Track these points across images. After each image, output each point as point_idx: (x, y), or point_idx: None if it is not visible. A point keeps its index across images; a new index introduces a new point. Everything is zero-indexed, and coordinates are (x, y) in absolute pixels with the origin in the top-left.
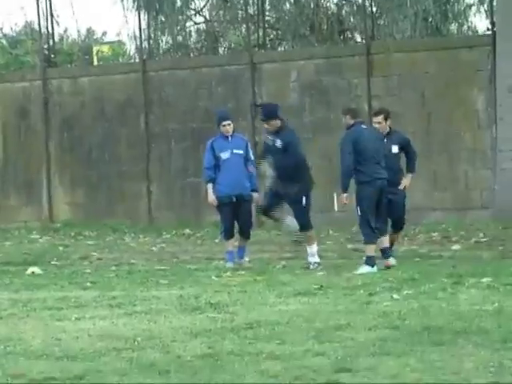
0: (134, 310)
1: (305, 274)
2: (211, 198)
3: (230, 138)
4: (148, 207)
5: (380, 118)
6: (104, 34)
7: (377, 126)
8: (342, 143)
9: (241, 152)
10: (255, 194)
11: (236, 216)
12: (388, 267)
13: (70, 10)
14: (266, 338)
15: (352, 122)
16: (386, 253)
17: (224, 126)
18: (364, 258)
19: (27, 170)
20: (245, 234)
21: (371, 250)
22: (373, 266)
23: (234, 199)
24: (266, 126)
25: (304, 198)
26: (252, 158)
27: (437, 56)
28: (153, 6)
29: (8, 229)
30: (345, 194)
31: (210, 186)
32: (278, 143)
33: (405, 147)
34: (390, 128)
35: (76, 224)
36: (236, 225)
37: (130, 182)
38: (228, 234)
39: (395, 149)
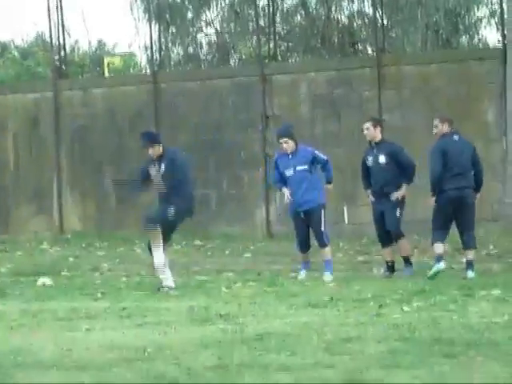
0: (145, 321)
1: (315, 286)
2: (287, 194)
3: (290, 156)
4: None
5: (368, 124)
6: (115, 45)
7: (365, 132)
8: (433, 151)
9: (305, 167)
10: (330, 186)
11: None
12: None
13: (82, 22)
14: (276, 349)
15: (447, 130)
16: (469, 265)
17: (281, 143)
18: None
19: (38, 181)
20: (319, 243)
21: (437, 248)
22: (439, 262)
23: (303, 215)
24: (149, 151)
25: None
26: (323, 161)
27: (447, 68)
28: (164, 17)
29: (18, 239)
30: (432, 198)
31: (284, 190)
32: (162, 167)
33: (394, 158)
34: (382, 138)
35: (87, 235)
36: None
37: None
38: (301, 247)
39: (382, 159)
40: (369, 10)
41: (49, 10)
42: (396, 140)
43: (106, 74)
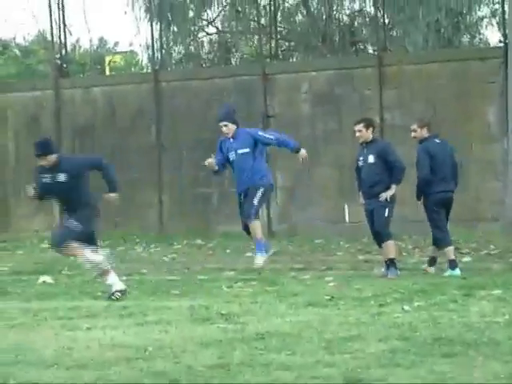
0: (145, 319)
1: (316, 285)
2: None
3: (232, 139)
4: (159, 217)
5: (360, 126)
6: (116, 43)
7: (357, 134)
8: (420, 155)
9: (246, 150)
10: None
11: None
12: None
13: (83, 20)
14: (277, 348)
15: (427, 135)
16: (432, 261)
17: (221, 126)
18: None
19: None
20: (245, 215)
21: (449, 253)
22: (453, 269)
23: (243, 196)
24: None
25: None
26: (270, 140)
27: (448, 68)
28: (165, 16)
29: (19, 238)
30: (419, 202)
31: (210, 160)
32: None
33: (383, 157)
34: (374, 138)
35: None
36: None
37: (141, 191)
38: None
39: (371, 159)
40: (370, 9)
41: (50, 8)
42: (397, 139)
43: (107, 72)
